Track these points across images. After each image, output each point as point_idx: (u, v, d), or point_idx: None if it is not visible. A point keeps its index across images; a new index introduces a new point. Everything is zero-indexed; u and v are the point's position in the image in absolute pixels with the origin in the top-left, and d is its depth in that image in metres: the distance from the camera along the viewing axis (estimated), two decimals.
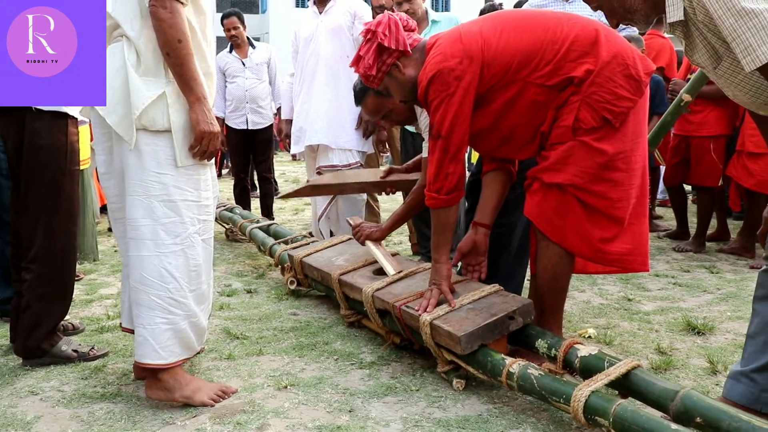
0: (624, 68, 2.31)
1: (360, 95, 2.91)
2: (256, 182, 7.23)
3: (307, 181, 3.80)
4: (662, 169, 5.68)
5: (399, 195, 4.58)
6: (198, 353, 2.46)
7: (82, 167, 3.02)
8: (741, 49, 1.60)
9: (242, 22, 5.71)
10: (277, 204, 6.78)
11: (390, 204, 5.84)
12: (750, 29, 1.57)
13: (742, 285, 3.79)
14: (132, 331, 2.35)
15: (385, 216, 5.74)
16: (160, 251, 2.19)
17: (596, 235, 2.37)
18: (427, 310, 2.42)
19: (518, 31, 2.36)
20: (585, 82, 2.29)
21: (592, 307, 3.37)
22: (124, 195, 2.25)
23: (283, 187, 8.86)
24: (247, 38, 5.77)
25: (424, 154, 2.95)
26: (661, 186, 6.50)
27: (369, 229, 3.18)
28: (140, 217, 2.18)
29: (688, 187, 5.55)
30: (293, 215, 6.77)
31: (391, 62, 2.50)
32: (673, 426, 1.66)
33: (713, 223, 5.12)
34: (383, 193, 3.65)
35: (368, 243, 3.17)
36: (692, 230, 5.03)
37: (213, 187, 2.38)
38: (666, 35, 5.67)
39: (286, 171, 11.37)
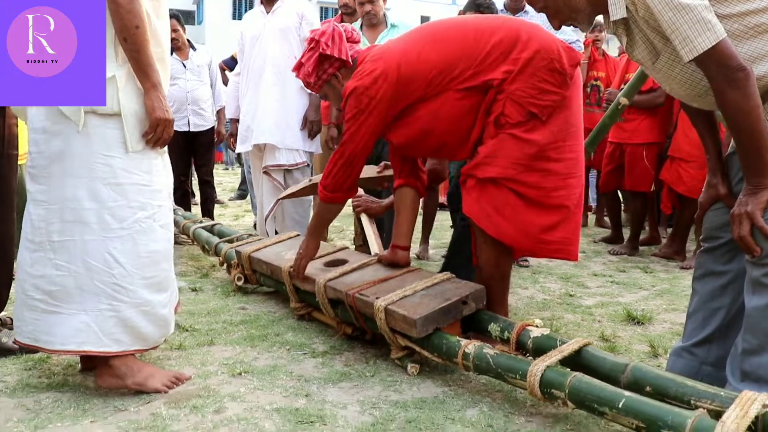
0: (548, 62, 2.36)
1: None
2: (195, 189, 7.14)
3: (309, 180, 3.75)
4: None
5: None
6: (155, 347, 2.36)
7: (20, 162, 2.91)
8: (679, 40, 1.73)
9: (181, 24, 5.64)
10: (217, 210, 6.70)
11: None
12: (687, 22, 1.70)
13: (675, 282, 3.96)
14: (26, 346, 2.23)
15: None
16: (106, 236, 2.12)
17: (537, 224, 2.42)
18: (299, 273, 2.85)
19: (440, 42, 2.46)
20: (506, 82, 2.36)
21: (536, 302, 3.46)
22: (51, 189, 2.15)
23: (221, 195, 8.74)
24: (188, 40, 5.71)
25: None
26: (592, 194, 6.72)
27: (368, 203, 3.37)
28: (84, 200, 2.11)
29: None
30: (234, 221, 6.69)
31: (331, 72, 2.61)
32: (627, 393, 1.73)
33: (645, 228, 5.34)
34: (380, 187, 3.66)
35: (363, 217, 3.37)
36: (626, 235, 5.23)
37: (167, 174, 2.35)
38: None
39: (223, 181, 11.22)
